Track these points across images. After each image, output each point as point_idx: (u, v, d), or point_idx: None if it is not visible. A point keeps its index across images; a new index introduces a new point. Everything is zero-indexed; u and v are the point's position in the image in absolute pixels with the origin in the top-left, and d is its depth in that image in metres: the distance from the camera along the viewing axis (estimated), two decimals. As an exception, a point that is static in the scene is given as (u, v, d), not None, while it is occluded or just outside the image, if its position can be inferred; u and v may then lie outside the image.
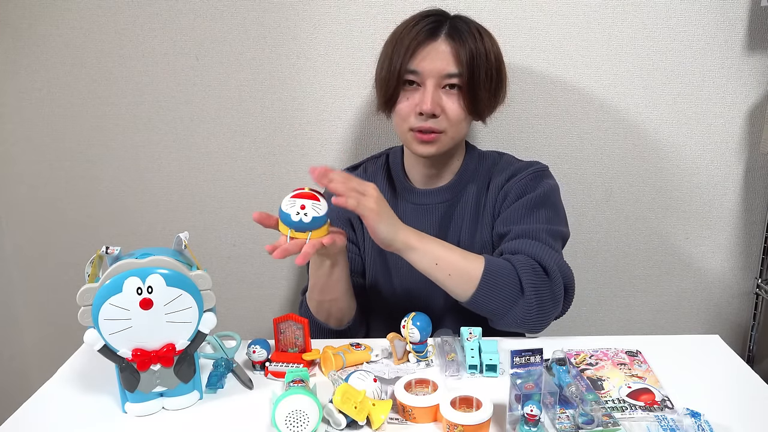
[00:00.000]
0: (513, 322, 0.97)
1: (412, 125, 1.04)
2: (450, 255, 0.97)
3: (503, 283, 0.95)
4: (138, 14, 1.34)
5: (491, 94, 1.05)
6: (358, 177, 1.14)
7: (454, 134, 1.06)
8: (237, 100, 1.40)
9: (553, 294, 0.97)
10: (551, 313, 0.97)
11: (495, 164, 1.16)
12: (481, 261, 0.97)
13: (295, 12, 1.33)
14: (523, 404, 0.75)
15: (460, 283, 0.96)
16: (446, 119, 1.03)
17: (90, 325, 0.79)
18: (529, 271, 0.96)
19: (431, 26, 1.02)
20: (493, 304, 0.96)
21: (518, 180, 1.10)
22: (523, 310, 0.95)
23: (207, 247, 1.51)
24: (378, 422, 0.79)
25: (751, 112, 1.38)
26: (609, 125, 1.40)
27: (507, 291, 0.95)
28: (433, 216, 1.14)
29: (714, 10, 1.31)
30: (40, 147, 1.45)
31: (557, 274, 0.97)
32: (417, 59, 1.01)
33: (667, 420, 0.78)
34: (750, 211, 1.45)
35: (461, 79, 1.01)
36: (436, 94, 1.02)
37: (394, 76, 1.02)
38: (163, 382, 0.84)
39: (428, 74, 1.01)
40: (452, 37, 1.01)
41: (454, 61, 1.01)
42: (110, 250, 0.80)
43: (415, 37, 1.01)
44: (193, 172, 1.46)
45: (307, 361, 0.93)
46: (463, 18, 1.06)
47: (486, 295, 0.95)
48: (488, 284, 0.95)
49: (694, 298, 1.53)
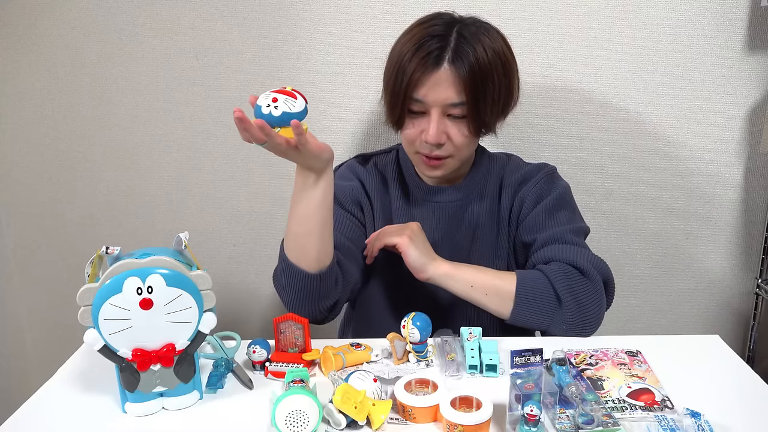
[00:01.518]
0: (560, 330, 0.99)
1: (419, 150, 1.04)
2: (483, 276, 1.00)
3: (539, 294, 0.97)
4: (138, 14, 1.34)
5: (499, 112, 1.03)
6: (369, 171, 1.17)
7: (461, 157, 1.06)
8: (237, 100, 1.40)
9: (593, 293, 0.98)
10: (596, 312, 0.98)
11: (505, 165, 1.16)
12: (514, 277, 0.99)
13: (295, 12, 1.33)
14: (523, 404, 0.75)
15: (497, 301, 0.99)
16: (452, 145, 1.02)
17: (90, 325, 0.79)
18: (562, 277, 0.97)
19: (435, 52, 0.97)
20: (534, 317, 0.98)
21: (533, 185, 1.10)
22: (565, 317, 0.97)
23: (207, 247, 1.51)
24: (378, 422, 0.79)
25: (751, 112, 1.38)
26: (609, 125, 1.40)
27: (544, 302, 0.97)
28: (445, 214, 1.13)
29: (714, 10, 1.31)
30: (40, 147, 1.45)
31: (594, 272, 0.98)
32: (421, 89, 0.98)
33: (667, 420, 0.78)
34: (750, 211, 1.45)
35: (468, 107, 0.99)
36: (442, 123, 1.00)
37: (401, 101, 1.00)
38: (163, 382, 0.84)
39: (432, 104, 0.99)
40: (455, 63, 0.96)
41: (459, 90, 0.97)
42: (110, 250, 0.80)
43: (418, 66, 0.97)
44: (193, 172, 1.46)
45: (307, 361, 0.93)
46: (469, 30, 0.99)
47: (525, 309, 0.97)
48: (524, 298, 0.97)
49: (694, 298, 1.53)
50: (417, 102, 1.00)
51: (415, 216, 1.14)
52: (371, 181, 1.16)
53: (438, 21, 1.01)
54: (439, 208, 1.13)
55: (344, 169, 1.19)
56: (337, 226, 1.07)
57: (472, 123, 1.00)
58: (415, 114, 1.02)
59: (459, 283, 0.99)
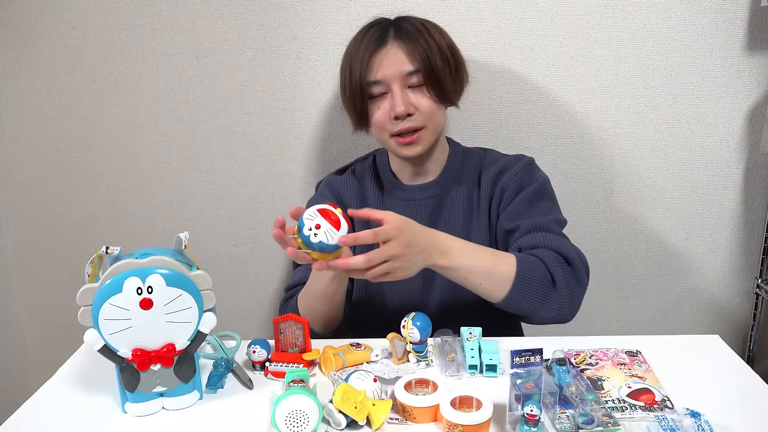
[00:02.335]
0: (548, 315, 0.99)
1: (392, 131, 1.06)
2: (482, 262, 0.97)
3: (536, 278, 0.97)
4: (138, 14, 1.34)
5: (454, 77, 1.08)
6: (345, 180, 1.19)
7: (433, 126, 1.08)
8: (237, 100, 1.40)
9: (579, 281, 1.01)
10: (580, 299, 1.02)
11: (482, 159, 1.17)
12: (513, 260, 0.98)
13: (295, 12, 1.33)
14: (523, 404, 0.75)
15: (494, 286, 0.97)
16: (421, 114, 1.05)
17: (90, 325, 0.79)
18: (556, 263, 0.99)
19: (378, 34, 1.05)
20: (527, 301, 0.98)
21: (513, 175, 1.11)
22: (557, 302, 0.98)
23: (207, 247, 1.51)
24: (378, 422, 0.79)
25: (751, 112, 1.38)
26: (609, 125, 1.40)
27: (540, 286, 0.97)
28: (422, 211, 1.15)
29: (714, 10, 1.31)
30: (40, 147, 1.45)
31: (578, 262, 1.01)
32: (374, 69, 1.04)
33: (667, 420, 0.78)
34: (750, 211, 1.45)
35: (422, 73, 1.03)
36: (405, 95, 1.04)
37: (359, 92, 1.05)
38: (163, 382, 0.84)
39: (391, 79, 1.03)
40: (400, 38, 1.04)
41: (410, 59, 1.03)
42: (110, 250, 0.80)
43: (366, 48, 1.04)
44: (193, 172, 1.46)
45: (307, 361, 0.93)
46: (405, 18, 1.08)
47: (520, 293, 0.97)
48: (522, 282, 0.97)
49: (694, 298, 1.53)
50: (375, 84, 1.04)
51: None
52: (348, 188, 1.19)
53: (378, 21, 1.09)
54: (417, 206, 1.15)
55: (322, 187, 1.22)
56: None
57: (432, 88, 1.05)
58: (377, 98, 1.06)
59: (458, 273, 0.96)
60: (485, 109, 1.39)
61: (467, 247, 0.98)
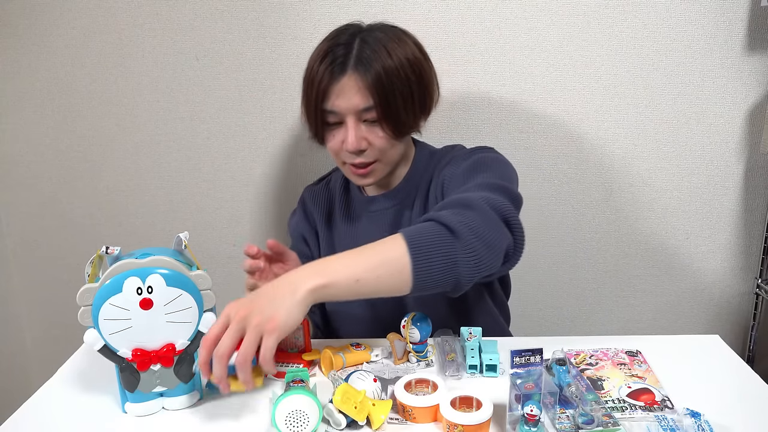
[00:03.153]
0: (468, 270, 0.82)
1: (344, 160, 1.03)
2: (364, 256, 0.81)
3: (430, 238, 0.81)
4: (138, 14, 1.34)
5: (415, 109, 1.02)
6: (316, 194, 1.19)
7: (387, 160, 1.04)
8: (237, 100, 1.40)
9: (486, 220, 0.84)
10: (499, 239, 0.85)
11: (442, 157, 1.10)
12: (398, 237, 0.82)
13: (295, 12, 1.34)
14: (523, 404, 0.75)
15: (392, 272, 0.80)
16: (374, 150, 1.01)
17: (90, 325, 0.79)
18: (448, 214, 0.84)
19: (339, 60, 0.97)
20: (437, 266, 0.80)
21: (452, 164, 1.05)
22: (468, 249, 0.81)
23: (207, 247, 1.51)
24: (378, 422, 0.79)
25: (751, 112, 1.38)
26: (609, 125, 1.40)
27: (439, 243, 0.81)
28: (383, 222, 1.12)
29: (714, 10, 1.31)
30: (40, 147, 1.45)
31: (482, 204, 0.86)
32: (331, 99, 0.98)
33: (667, 420, 0.78)
34: (750, 211, 1.45)
35: (377, 110, 0.97)
36: (359, 130, 0.99)
37: (314, 118, 1.01)
38: (163, 382, 0.84)
39: (345, 112, 0.98)
40: (359, 69, 0.96)
41: (367, 93, 0.96)
42: (110, 250, 0.80)
43: (323, 77, 0.98)
44: (193, 172, 1.46)
45: (307, 361, 0.93)
46: (371, 34, 1.00)
47: (423, 263, 0.80)
48: (418, 250, 0.80)
49: (694, 298, 1.53)
50: (330, 113, 0.99)
51: (357, 228, 1.14)
52: (317, 203, 1.19)
53: (344, 32, 1.02)
54: (377, 218, 1.12)
55: (298, 204, 1.24)
56: None
57: (387, 125, 0.99)
58: (332, 125, 1.01)
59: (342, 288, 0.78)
60: (485, 109, 1.39)
61: (344, 253, 0.82)
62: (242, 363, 0.73)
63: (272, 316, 0.73)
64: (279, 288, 0.77)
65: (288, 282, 0.77)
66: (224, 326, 0.75)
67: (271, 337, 0.73)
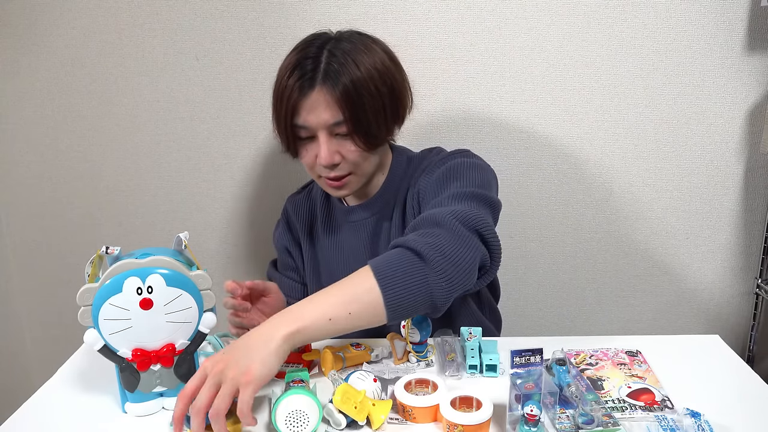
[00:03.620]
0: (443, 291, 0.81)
1: (319, 173, 1.03)
2: (333, 296, 0.81)
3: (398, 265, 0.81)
4: (138, 14, 1.34)
5: (387, 120, 1.01)
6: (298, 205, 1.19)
7: (362, 172, 1.03)
8: (237, 100, 1.40)
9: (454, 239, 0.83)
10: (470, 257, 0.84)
11: (420, 162, 1.09)
12: (366, 269, 0.82)
13: (295, 12, 1.33)
14: (523, 404, 0.75)
15: (365, 306, 0.79)
16: (347, 163, 1.00)
17: (90, 325, 0.79)
18: (414, 237, 0.83)
19: (308, 75, 0.95)
20: (410, 294, 0.80)
21: (427, 172, 1.04)
22: (439, 272, 0.81)
23: (207, 247, 1.51)
24: (378, 422, 0.79)
25: (751, 112, 1.38)
26: (609, 125, 1.40)
27: (409, 269, 0.80)
28: (364, 232, 1.11)
29: (714, 10, 1.31)
30: (40, 147, 1.45)
31: (451, 221, 0.85)
32: (302, 114, 0.97)
33: (667, 420, 0.78)
34: (750, 211, 1.45)
35: (348, 124, 0.96)
36: (331, 144, 0.98)
37: (284, 133, 1.00)
38: (163, 382, 0.84)
39: (316, 127, 0.97)
40: (327, 83, 0.95)
41: (336, 109, 0.95)
42: (110, 250, 0.80)
43: (292, 93, 0.96)
44: (193, 172, 1.46)
45: (307, 361, 0.93)
46: (339, 46, 0.97)
47: (394, 291, 0.79)
48: (386, 279, 0.79)
49: (694, 298, 1.53)
50: (302, 128, 0.98)
51: (339, 239, 1.14)
52: (299, 215, 1.19)
53: (313, 43, 0.99)
54: (358, 228, 1.11)
55: (281, 215, 1.24)
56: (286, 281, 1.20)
57: (359, 138, 0.98)
58: (305, 140, 1.00)
59: (315, 330, 0.78)
60: (485, 109, 1.39)
61: (315, 295, 0.82)
62: (215, 416, 0.72)
63: (248, 368, 0.73)
64: (252, 339, 0.77)
65: (261, 333, 0.77)
66: (201, 381, 0.74)
67: (247, 390, 0.72)
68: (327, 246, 1.16)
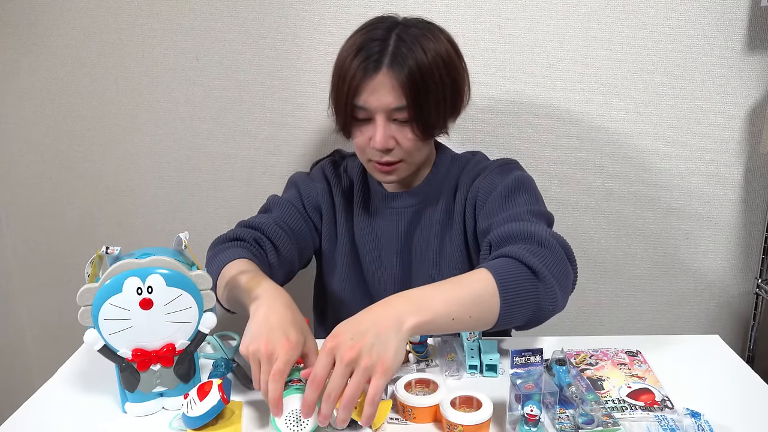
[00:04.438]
0: (547, 311, 0.85)
1: (369, 157, 1.02)
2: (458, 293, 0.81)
3: (517, 278, 0.83)
4: (138, 14, 1.34)
5: (446, 111, 1.01)
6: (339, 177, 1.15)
7: (412, 161, 1.04)
8: (237, 100, 1.40)
9: (559, 261, 0.87)
10: (568, 282, 0.89)
11: (466, 164, 1.12)
12: (486, 273, 0.83)
13: (295, 12, 1.33)
14: (523, 404, 0.75)
15: (483, 312, 0.81)
16: (401, 150, 1.00)
17: (90, 325, 0.79)
18: (528, 253, 0.85)
19: (374, 57, 0.95)
20: (521, 306, 0.83)
21: (484, 177, 1.06)
22: (549, 293, 0.84)
23: (207, 247, 1.51)
24: (378, 422, 0.79)
25: (751, 112, 1.38)
26: (609, 125, 1.40)
27: (525, 284, 0.83)
28: (402, 220, 1.12)
29: (714, 10, 1.31)
30: (40, 147, 1.45)
31: (551, 241, 0.88)
32: (363, 95, 0.96)
33: (667, 420, 0.78)
34: (750, 211, 1.45)
35: (409, 111, 0.96)
36: (388, 129, 0.98)
37: (343, 112, 0.99)
38: (163, 382, 0.84)
39: (375, 110, 0.96)
40: (394, 67, 0.94)
41: (400, 94, 0.94)
42: (110, 250, 0.80)
43: (356, 73, 0.95)
44: (193, 172, 1.46)
45: (307, 361, 0.93)
46: (408, 33, 0.96)
47: (511, 303, 0.82)
48: (507, 290, 0.82)
49: (694, 298, 1.53)
50: (361, 109, 0.97)
51: (374, 222, 1.13)
52: (339, 187, 1.16)
53: (379, 25, 0.98)
54: (396, 214, 1.11)
55: (317, 170, 1.19)
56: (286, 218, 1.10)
57: (417, 126, 0.98)
58: (361, 121, 0.99)
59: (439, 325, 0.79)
60: (485, 109, 1.39)
61: (436, 288, 0.82)
62: (347, 404, 0.72)
63: (382, 357, 0.72)
64: (381, 323, 0.75)
65: (389, 317, 0.76)
66: (329, 366, 0.73)
67: (381, 380, 0.72)
68: (364, 227, 1.14)
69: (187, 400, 0.79)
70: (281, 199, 1.15)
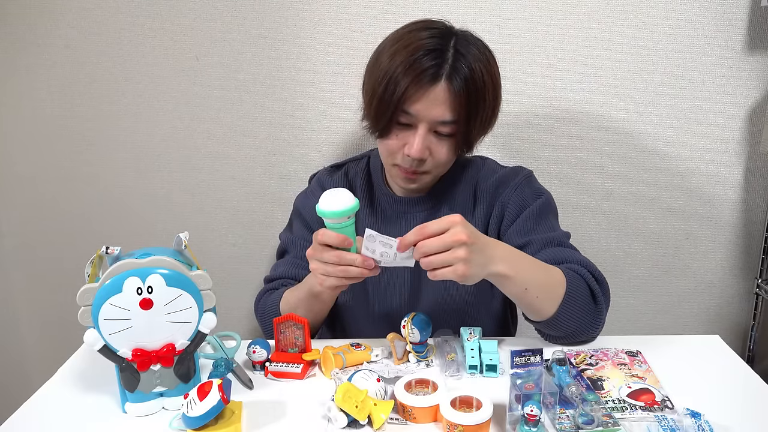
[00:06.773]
0: (589, 334, 0.97)
1: (397, 162, 1.01)
2: (538, 273, 0.92)
3: (582, 294, 0.94)
4: (138, 14, 1.34)
5: (485, 131, 1.02)
6: (336, 183, 1.14)
7: (438, 172, 1.04)
8: (237, 100, 1.40)
9: (608, 299, 0.99)
10: (606, 315, 0.99)
11: (479, 170, 1.12)
12: (561, 273, 0.94)
13: (295, 12, 1.33)
14: (523, 404, 0.75)
15: (547, 301, 0.92)
16: (432, 162, 1.00)
17: (90, 325, 0.79)
18: (593, 280, 0.97)
19: (433, 68, 0.92)
20: (574, 318, 0.94)
21: (513, 190, 1.07)
22: (597, 320, 0.96)
23: (207, 247, 1.51)
24: (379, 422, 0.79)
25: (751, 112, 1.38)
26: (609, 125, 1.40)
27: (585, 302, 0.94)
28: (412, 223, 1.08)
29: (714, 10, 1.31)
30: (40, 147, 1.45)
31: (604, 279, 0.99)
32: (415, 104, 0.94)
33: (667, 420, 0.78)
34: (750, 211, 1.45)
35: (456, 126, 0.96)
36: (427, 139, 0.97)
37: (387, 114, 0.95)
38: (163, 382, 0.84)
39: (422, 119, 0.95)
40: (452, 81, 0.93)
41: (451, 109, 0.94)
42: (110, 250, 0.80)
43: (414, 80, 0.92)
44: (193, 172, 1.46)
45: (307, 361, 0.93)
46: (465, 46, 0.96)
47: (569, 309, 0.93)
48: (571, 297, 0.93)
49: (694, 298, 1.53)
50: (407, 115, 0.95)
51: (383, 225, 1.12)
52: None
53: (433, 32, 0.96)
54: (407, 218, 1.11)
55: (314, 184, 1.20)
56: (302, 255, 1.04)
57: (458, 142, 0.99)
58: (400, 126, 0.98)
59: (516, 286, 0.89)
60: (485, 109, 1.39)
61: (521, 255, 0.92)
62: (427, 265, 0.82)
63: (470, 265, 0.82)
64: (487, 248, 0.85)
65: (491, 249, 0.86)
66: (442, 231, 0.81)
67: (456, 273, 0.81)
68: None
69: (187, 400, 0.79)
70: (292, 237, 1.17)
